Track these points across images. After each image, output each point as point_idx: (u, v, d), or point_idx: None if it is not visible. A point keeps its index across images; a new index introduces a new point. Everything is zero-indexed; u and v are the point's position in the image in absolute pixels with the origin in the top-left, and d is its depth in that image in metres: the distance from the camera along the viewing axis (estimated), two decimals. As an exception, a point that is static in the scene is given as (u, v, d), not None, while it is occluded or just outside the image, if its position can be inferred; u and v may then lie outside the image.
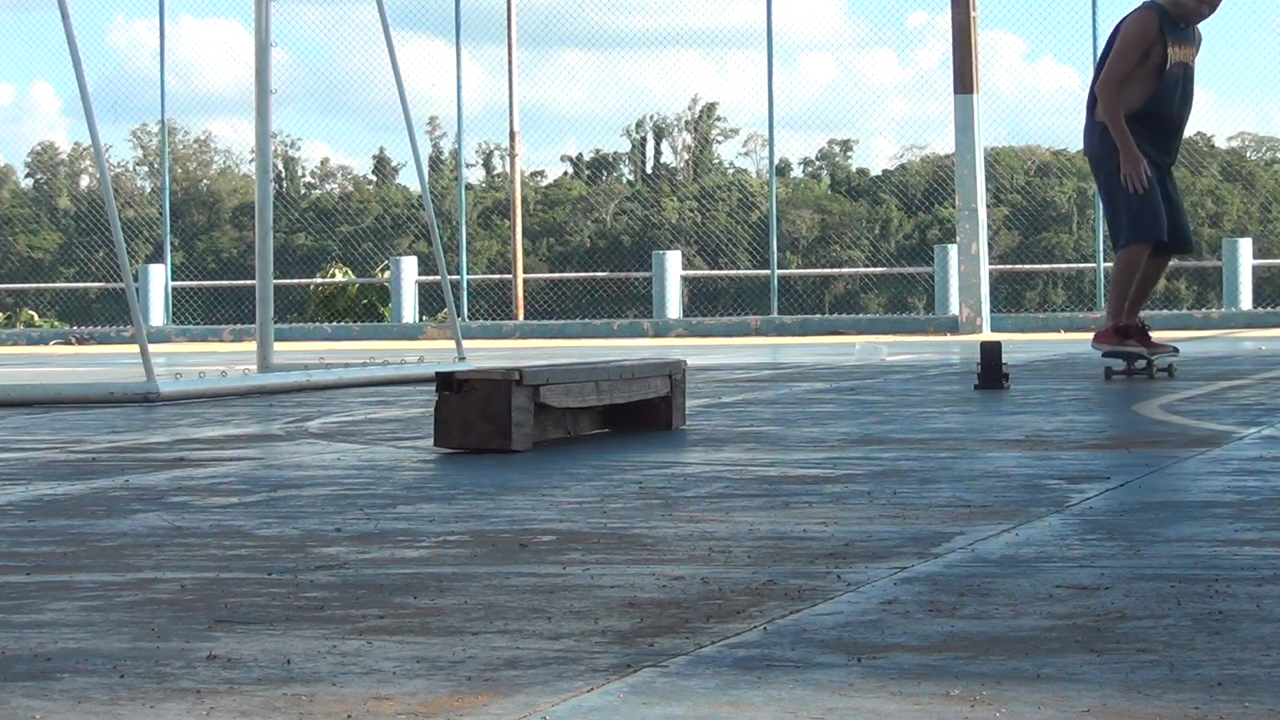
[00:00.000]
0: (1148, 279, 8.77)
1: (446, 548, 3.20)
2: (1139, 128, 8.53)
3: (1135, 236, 8.57)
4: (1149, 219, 8.53)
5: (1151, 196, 8.51)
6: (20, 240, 40.81)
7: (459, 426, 5.09)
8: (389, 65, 10.47)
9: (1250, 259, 21.71)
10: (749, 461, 4.73)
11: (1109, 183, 8.62)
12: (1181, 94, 8.63)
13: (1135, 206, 8.51)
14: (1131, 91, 8.53)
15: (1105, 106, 8.54)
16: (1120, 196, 8.55)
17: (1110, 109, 8.51)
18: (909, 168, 41.11)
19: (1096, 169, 8.83)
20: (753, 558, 3.00)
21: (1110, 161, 8.55)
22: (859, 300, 35.81)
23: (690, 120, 43.56)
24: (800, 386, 8.61)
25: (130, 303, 8.55)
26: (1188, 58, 8.63)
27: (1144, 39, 8.52)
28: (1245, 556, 2.93)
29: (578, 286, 30.22)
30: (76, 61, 8.33)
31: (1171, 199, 8.73)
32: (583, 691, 2.03)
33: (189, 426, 6.53)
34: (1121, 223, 8.62)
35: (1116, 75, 8.51)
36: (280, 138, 41.80)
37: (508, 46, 23.69)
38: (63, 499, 4.12)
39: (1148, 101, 8.53)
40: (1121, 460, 4.60)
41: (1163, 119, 8.60)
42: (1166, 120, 8.62)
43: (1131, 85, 8.53)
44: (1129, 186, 8.47)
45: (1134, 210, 8.52)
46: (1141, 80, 8.53)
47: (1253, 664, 2.11)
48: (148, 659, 2.23)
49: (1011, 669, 2.11)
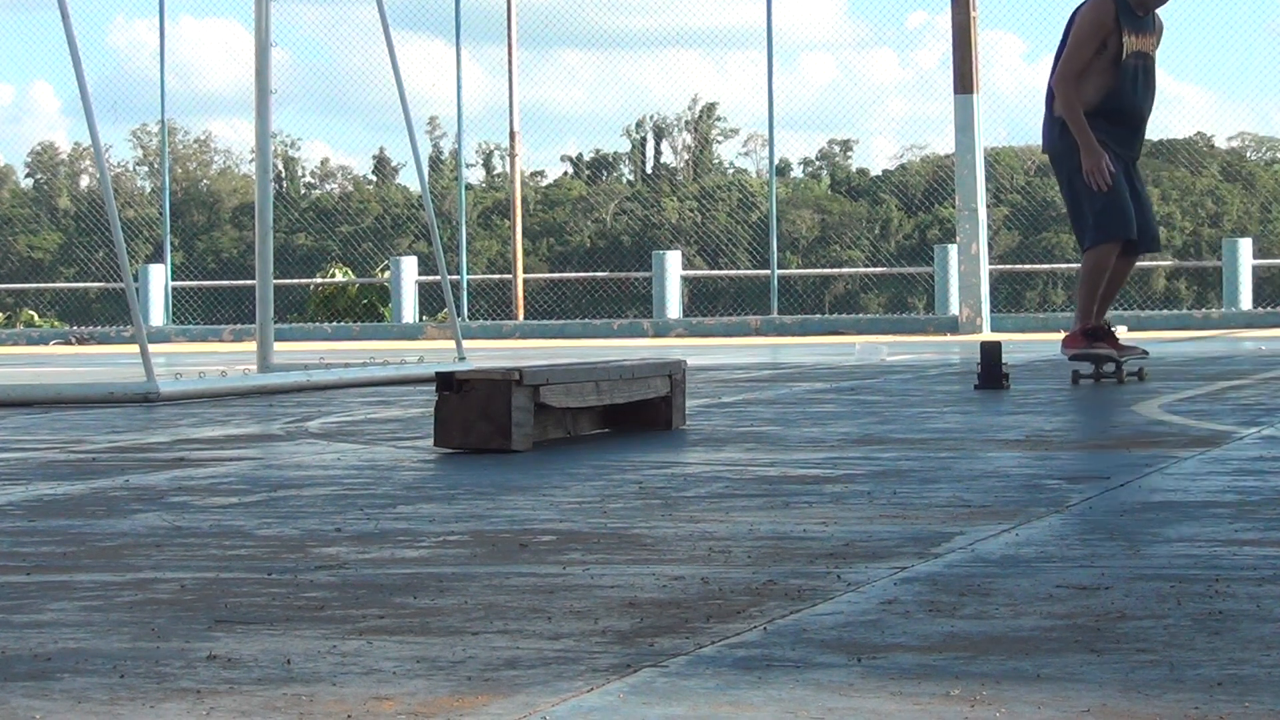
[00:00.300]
0: (1115, 279, 8.41)
1: (446, 548, 3.20)
2: (1099, 122, 8.18)
3: (1102, 237, 8.21)
4: (1116, 218, 8.19)
5: (1117, 194, 8.17)
6: (20, 240, 40.82)
7: (459, 426, 5.09)
8: (389, 65, 10.47)
9: (1250, 259, 21.72)
10: (749, 461, 4.72)
11: (1071, 181, 8.27)
12: (1142, 85, 8.27)
13: (1100, 205, 8.16)
14: (1089, 85, 8.18)
15: (1063, 101, 8.19)
16: (1084, 196, 8.21)
17: (1068, 104, 8.17)
18: (909, 168, 41.12)
19: (1057, 167, 8.44)
20: (753, 558, 3.00)
21: (1071, 159, 8.22)
22: (859, 300, 35.82)
23: (690, 120, 43.58)
24: (800, 386, 8.61)
25: (130, 303, 8.55)
26: (1147, 47, 8.28)
27: (1100, 29, 8.15)
28: (1245, 556, 2.93)
29: (578, 286, 30.22)
30: (76, 61, 8.33)
31: (1139, 195, 8.39)
32: (583, 691, 2.03)
33: (189, 426, 6.53)
34: (1087, 223, 8.25)
35: (1073, 68, 8.16)
36: (280, 138, 41.82)
37: (508, 46, 23.70)
38: (63, 499, 4.12)
39: (1107, 95, 8.19)
40: (1121, 460, 4.60)
41: (1123, 112, 8.25)
42: (1127, 113, 8.27)
43: (1089, 78, 8.18)
44: (1092, 185, 8.13)
45: (1099, 209, 8.17)
46: (1099, 73, 8.18)
47: (1253, 664, 2.11)
48: (148, 659, 2.23)
49: (1011, 669, 2.11)
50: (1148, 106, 8.35)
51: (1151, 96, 8.35)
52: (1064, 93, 8.17)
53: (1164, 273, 35.25)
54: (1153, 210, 8.61)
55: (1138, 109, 8.30)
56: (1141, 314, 21.35)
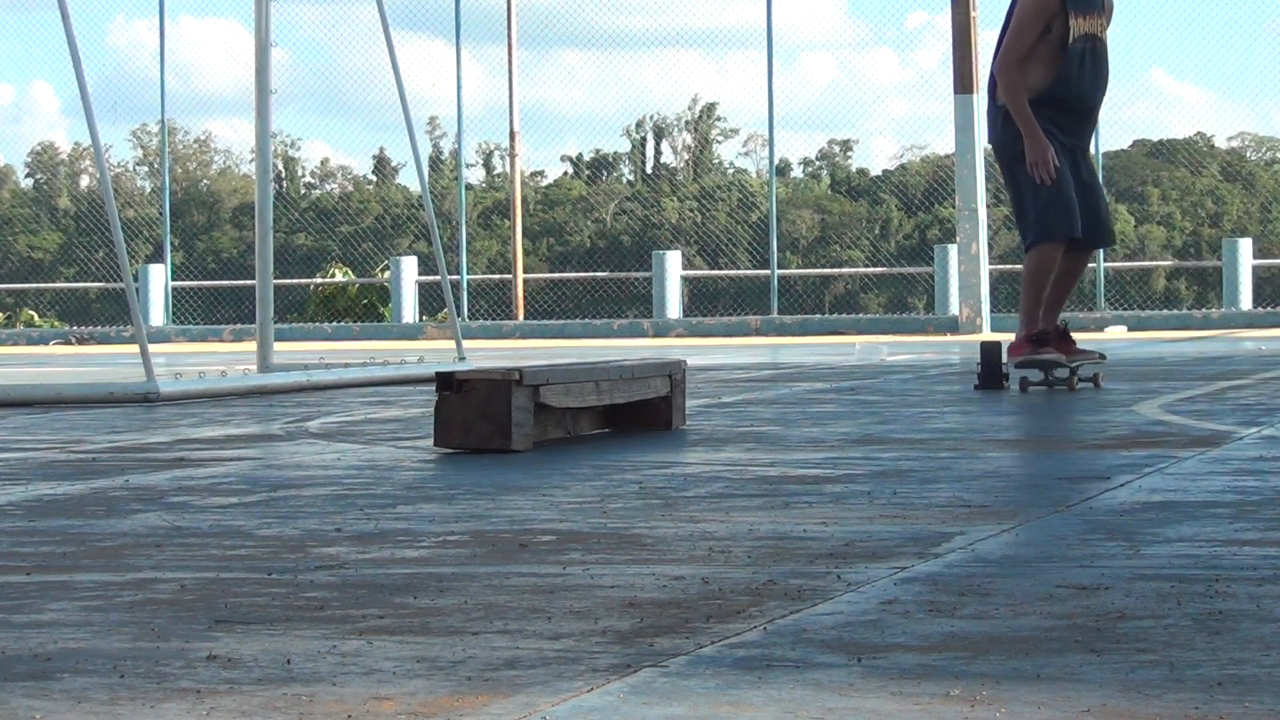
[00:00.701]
0: (1064, 278, 7.83)
1: (446, 548, 3.20)
2: (1045, 110, 7.66)
3: (1045, 235, 7.67)
4: (1060, 214, 7.65)
5: (1061, 188, 7.63)
6: (20, 240, 40.83)
7: (459, 426, 5.09)
8: (389, 65, 10.47)
9: (1250, 259, 21.73)
10: (749, 461, 4.72)
11: (1013, 173, 7.72)
12: (1091, 71, 7.74)
13: (1043, 201, 7.63)
14: (1034, 71, 7.66)
15: (1005, 88, 7.67)
16: (1027, 189, 7.67)
17: (1011, 91, 7.64)
18: (909, 168, 41.13)
19: (1000, 159, 7.87)
20: (753, 558, 3.00)
21: (1014, 149, 7.69)
22: (859, 300, 35.83)
23: (690, 120, 43.59)
24: (800, 386, 8.61)
25: (130, 303, 8.55)
26: (1095, 29, 7.73)
27: (1043, 10, 7.63)
28: (1245, 556, 2.93)
29: (578, 286, 30.22)
30: (76, 61, 8.33)
31: (1090, 187, 7.84)
32: (583, 691, 2.02)
33: (189, 426, 6.53)
34: (1029, 219, 7.72)
35: (1015, 53, 7.64)
36: (280, 138, 41.84)
37: (508, 46, 23.70)
38: (63, 499, 4.12)
39: (1053, 83, 7.66)
40: (1121, 460, 4.60)
41: (1071, 99, 7.72)
42: (1076, 100, 7.74)
43: (1034, 64, 7.67)
44: (1035, 177, 7.61)
45: (1041, 205, 7.64)
46: (1044, 59, 7.67)
47: (1253, 664, 2.11)
48: (148, 659, 2.23)
49: (1011, 669, 2.11)
50: (1099, 92, 7.85)
51: (1103, 82, 7.86)
52: (1006, 79, 7.68)
53: (1164, 273, 35.27)
54: (1105, 201, 8.10)
55: (1087, 96, 7.79)
56: (1141, 314, 21.35)
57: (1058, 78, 7.68)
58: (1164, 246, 39.14)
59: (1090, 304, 22.73)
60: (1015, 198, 7.80)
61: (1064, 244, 7.71)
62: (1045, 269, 7.71)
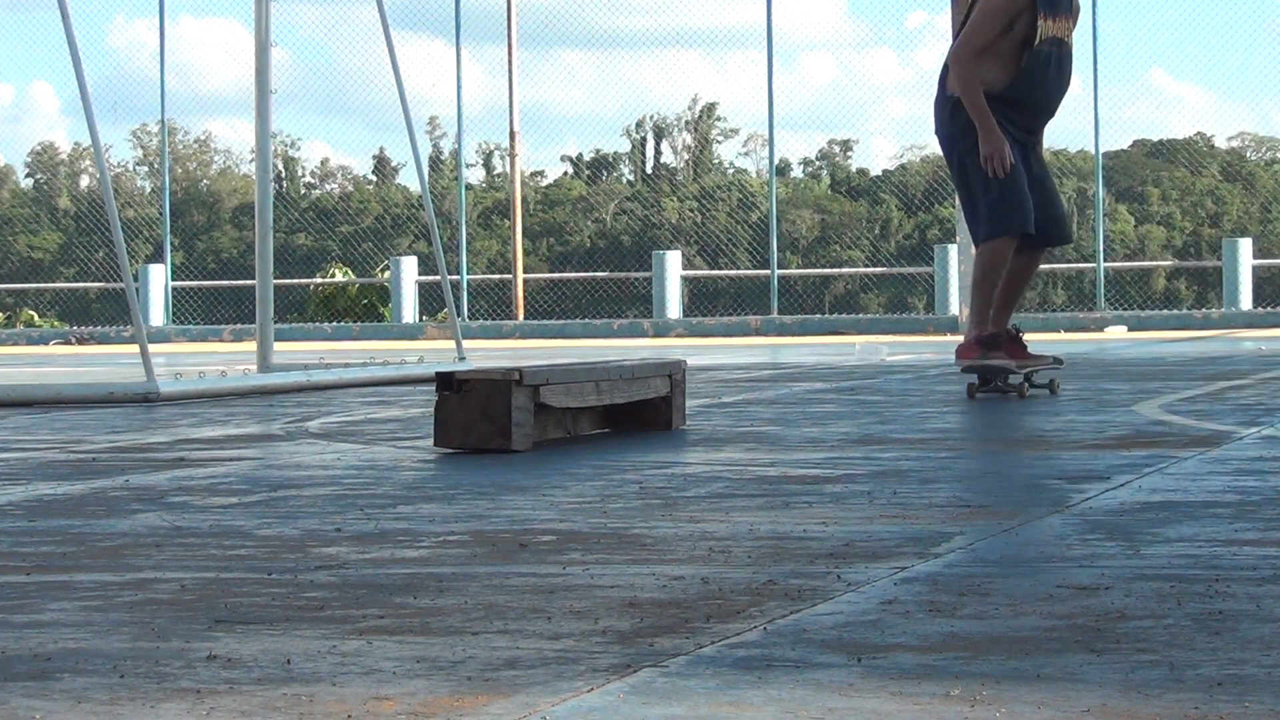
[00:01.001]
0: (1017, 278, 7.50)
1: (446, 548, 3.20)
2: (1000, 107, 7.34)
3: (996, 231, 7.35)
4: (1012, 210, 7.33)
5: (1014, 183, 7.32)
6: (20, 240, 40.83)
7: (459, 426, 5.09)
8: (389, 65, 10.48)
9: (1250, 259, 21.73)
10: (749, 461, 4.72)
11: (963, 167, 7.41)
12: (1055, 75, 7.43)
13: (995, 195, 7.33)
14: (993, 68, 7.34)
15: (959, 79, 7.33)
16: (978, 184, 7.36)
17: (965, 82, 7.31)
18: (909, 168, 41.12)
19: (949, 151, 7.53)
20: (753, 558, 3.00)
21: (965, 141, 7.36)
22: (859, 300, 35.83)
23: (690, 120, 43.59)
24: (800, 386, 8.61)
25: (130, 303, 8.55)
26: (1063, 32, 7.43)
27: (1011, 5, 7.30)
28: (1245, 556, 2.93)
29: (578, 286, 30.23)
30: (76, 61, 8.33)
31: (1043, 183, 7.52)
32: (583, 691, 2.03)
33: (189, 426, 6.53)
34: (980, 216, 7.40)
35: (974, 44, 7.29)
36: (280, 138, 41.84)
37: (508, 46, 23.70)
38: (63, 499, 4.12)
39: (1012, 83, 7.36)
40: (1121, 460, 4.60)
41: (1030, 102, 7.43)
42: (1034, 103, 7.45)
43: (993, 60, 7.35)
44: (989, 171, 7.29)
45: (993, 200, 7.33)
46: (1005, 56, 7.35)
47: (1253, 664, 2.11)
48: (148, 659, 2.23)
49: (1011, 669, 2.11)
50: (1059, 97, 7.56)
51: (1065, 87, 7.56)
52: (961, 70, 7.33)
53: (1164, 273, 35.27)
54: (1059, 197, 7.73)
55: (1048, 99, 7.51)
56: (1142, 314, 21.35)
57: (1018, 79, 7.37)
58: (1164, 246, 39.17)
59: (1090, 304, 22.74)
60: (965, 192, 7.51)
61: (1016, 240, 7.41)
62: (996, 266, 7.41)
